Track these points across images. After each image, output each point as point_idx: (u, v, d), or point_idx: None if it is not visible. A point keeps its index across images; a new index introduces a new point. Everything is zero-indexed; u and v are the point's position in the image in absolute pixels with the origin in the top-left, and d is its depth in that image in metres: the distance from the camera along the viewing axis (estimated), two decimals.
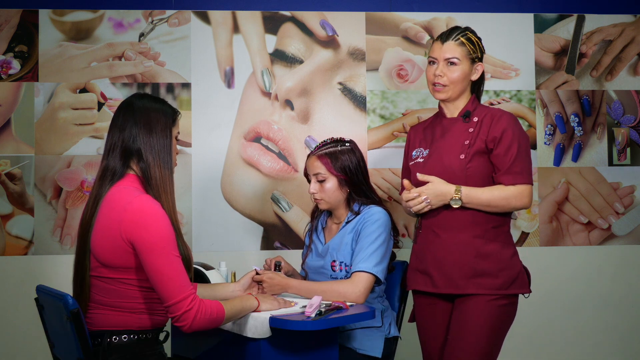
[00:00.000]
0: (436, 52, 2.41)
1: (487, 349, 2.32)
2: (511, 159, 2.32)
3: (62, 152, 3.29)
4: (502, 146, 2.33)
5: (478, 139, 2.37)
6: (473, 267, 2.33)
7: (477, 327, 2.31)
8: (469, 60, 2.40)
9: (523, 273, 2.39)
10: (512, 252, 2.39)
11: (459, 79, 2.39)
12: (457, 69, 2.38)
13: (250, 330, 2.10)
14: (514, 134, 2.34)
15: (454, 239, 2.36)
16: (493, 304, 2.32)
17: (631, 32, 3.56)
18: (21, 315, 3.22)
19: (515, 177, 2.33)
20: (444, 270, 2.36)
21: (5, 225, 3.26)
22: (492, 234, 2.36)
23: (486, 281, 2.32)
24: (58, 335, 2.12)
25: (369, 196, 2.58)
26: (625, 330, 3.51)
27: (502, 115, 2.39)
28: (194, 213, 3.34)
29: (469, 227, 2.35)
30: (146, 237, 1.96)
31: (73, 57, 3.31)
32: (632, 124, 3.54)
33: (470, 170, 2.35)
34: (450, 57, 2.38)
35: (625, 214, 3.51)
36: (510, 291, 2.34)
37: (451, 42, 2.39)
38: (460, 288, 2.34)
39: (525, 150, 2.36)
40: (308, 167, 2.59)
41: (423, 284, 2.42)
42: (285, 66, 3.39)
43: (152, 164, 2.07)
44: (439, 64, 2.40)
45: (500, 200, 2.33)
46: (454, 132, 2.43)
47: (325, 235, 2.66)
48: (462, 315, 2.34)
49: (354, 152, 2.57)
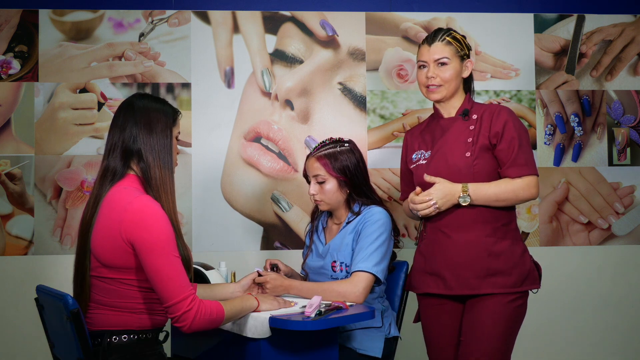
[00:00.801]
0: (425, 55, 2.43)
1: (503, 349, 2.34)
2: (515, 152, 2.34)
3: (62, 152, 3.29)
4: (505, 140, 2.35)
5: (480, 135, 2.37)
6: (486, 266, 2.33)
7: (493, 329, 2.31)
8: (459, 58, 2.43)
9: (534, 269, 2.41)
10: (523, 249, 2.41)
11: (451, 78, 2.41)
12: (448, 68, 2.41)
13: (250, 330, 2.10)
14: (514, 127, 2.36)
15: (465, 239, 2.36)
16: (508, 305, 2.33)
17: (631, 32, 3.56)
18: (21, 315, 3.22)
19: (521, 169, 2.34)
20: (457, 271, 2.36)
21: (5, 225, 3.26)
22: (502, 232, 2.37)
23: (500, 280, 2.33)
24: (58, 335, 2.12)
25: (369, 196, 2.58)
26: (625, 330, 3.51)
27: (501, 110, 2.40)
28: (194, 213, 3.34)
29: (478, 226, 2.35)
30: (146, 237, 1.96)
31: (73, 57, 3.31)
32: (632, 124, 3.54)
33: (477, 167, 2.36)
34: (440, 57, 2.41)
35: (625, 214, 3.51)
36: (523, 288, 2.36)
37: (438, 43, 2.42)
38: (474, 288, 2.34)
39: (526, 142, 2.38)
40: (307, 168, 2.59)
41: (435, 287, 2.41)
42: (285, 66, 3.39)
43: (153, 164, 2.07)
44: (429, 66, 2.42)
45: (508, 192, 2.34)
46: (454, 131, 2.43)
47: (326, 235, 2.65)
48: (476, 317, 2.34)
49: (354, 152, 2.56)
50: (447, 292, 2.38)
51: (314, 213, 2.72)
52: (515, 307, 2.35)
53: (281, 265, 2.62)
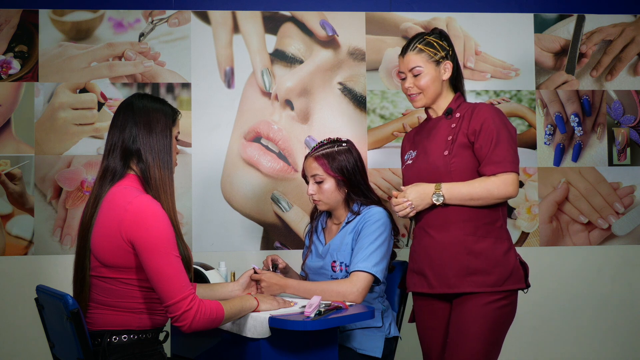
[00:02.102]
0: (402, 66, 2.47)
1: (487, 351, 2.31)
2: (491, 149, 2.31)
3: (62, 152, 3.29)
4: (482, 138, 2.32)
5: (460, 133, 2.37)
6: (465, 265, 2.32)
7: (476, 331, 2.29)
8: (433, 63, 2.42)
9: (518, 268, 2.36)
10: (506, 248, 2.36)
11: (427, 85, 2.42)
12: (422, 77, 2.42)
13: (250, 330, 2.10)
14: (494, 124, 2.32)
15: (445, 238, 2.35)
16: (492, 305, 2.30)
17: (631, 32, 3.56)
18: (21, 315, 3.22)
19: (496, 166, 2.31)
20: (437, 269, 2.35)
21: (5, 225, 3.26)
22: (483, 231, 2.34)
23: (479, 278, 2.31)
24: (58, 335, 2.12)
25: (367, 196, 2.58)
26: (625, 330, 3.51)
27: (482, 108, 2.38)
28: (194, 213, 3.34)
29: (459, 224, 2.34)
30: (146, 237, 1.96)
31: (73, 57, 3.31)
32: (632, 124, 3.54)
33: (453, 166, 2.34)
34: (413, 66, 2.43)
35: (625, 214, 3.51)
36: (506, 287, 2.32)
37: (410, 53, 2.44)
38: (454, 287, 2.33)
39: (507, 140, 2.33)
40: (305, 168, 2.59)
41: (420, 285, 2.42)
42: (285, 66, 3.39)
43: (152, 164, 2.07)
44: (407, 77, 2.45)
45: (482, 191, 2.30)
46: (438, 130, 2.44)
47: (326, 235, 2.65)
48: (460, 319, 2.32)
49: (351, 152, 2.57)
50: (429, 291, 2.38)
51: (313, 213, 2.72)
52: (498, 308, 2.31)
53: (280, 260, 2.61)
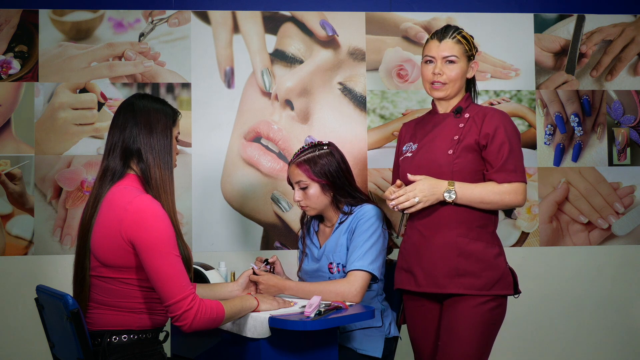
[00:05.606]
0: (433, 50, 2.40)
1: (479, 353, 2.30)
2: (504, 157, 2.30)
3: (62, 152, 3.29)
4: (494, 143, 2.31)
5: (469, 135, 2.35)
6: (455, 266, 2.30)
7: (468, 333, 2.28)
8: (466, 58, 2.40)
9: (508, 274, 2.36)
10: (497, 253, 2.35)
11: (457, 77, 2.39)
12: (455, 67, 2.38)
13: (250, 330, 2.10)
14: (507, 132, 2.33)
15: (438, 238, 2.33)
16: (479, 308, 2.29)
17: (631, 32, 3.56)
18: (21, 315, 3.22)
19: (509, 175, 2.31)
20: (427, 268, 2.34)
21: (5, 225, 3.26)
22: (475, 234, 2.33)
23: (468, 281, 2.29)
24: (58, 335, 2.12)
25: (354, 196, 2.57)
26: (625, 330, 3.51)
27: (495, 113, 2.38)
28: (194, 213, 3.34)
29: (453, 225, 2.32)
30: (146, 236, 1.96)
31: (73, 57, 3.31)
32: (632, 124, 3.54)
33: (457, 166, 2.33)
34: (449, 55, 2.38)
35: (625, 214, 3.51)
36: (494, 292, 2.31)
37: (449, 40, 2.39)
38: (442, 287, 2.32)
39: (518, 149, 2.34)
40: (289, 175, 2.59)
41: (407, 283, 2.40)
42: (285, 66, 3.39)
43: (152, 164, 2.07)
44: (437, 63, 2.39)
45: (494, 195, 2.30)
46: (444, 127, 2.41)
47: (320, 239, 2.65)
48: (452, 320, 2.31)
49: (333, 154, 2.55)
50: (416, 289, 2.37)
51: (303, 218, 2.72)
52: (488, 310, 2.30)
53: (277, 264, 2.60)
